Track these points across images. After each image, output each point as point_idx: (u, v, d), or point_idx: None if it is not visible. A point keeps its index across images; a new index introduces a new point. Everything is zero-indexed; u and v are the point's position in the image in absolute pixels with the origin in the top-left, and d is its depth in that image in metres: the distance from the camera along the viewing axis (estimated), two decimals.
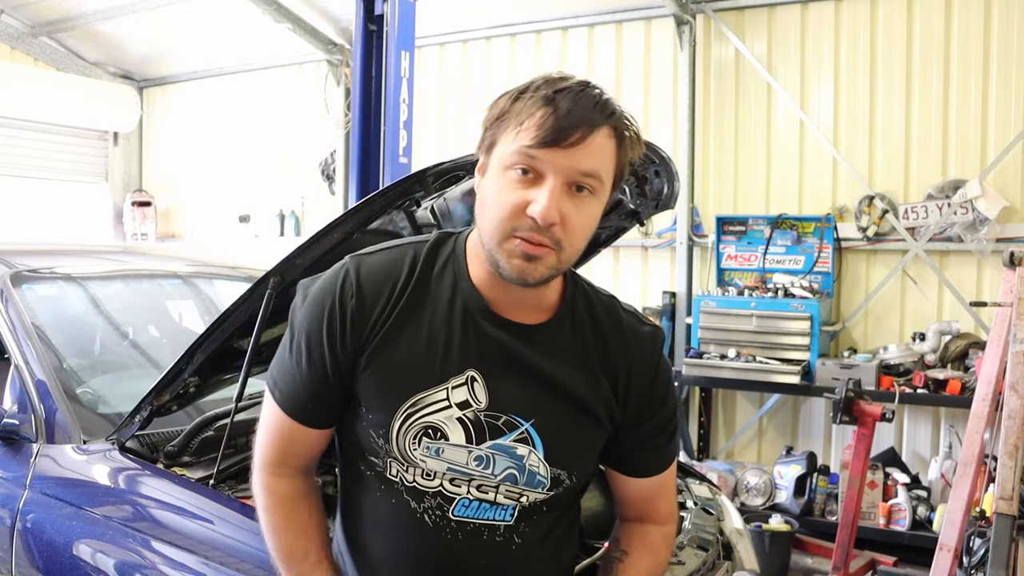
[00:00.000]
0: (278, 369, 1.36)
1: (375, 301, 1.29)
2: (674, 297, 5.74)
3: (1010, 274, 3.02)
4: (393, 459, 1.30)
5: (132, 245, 7.35)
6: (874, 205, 5.09)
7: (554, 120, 1.16)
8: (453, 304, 1.29)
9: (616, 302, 1.41)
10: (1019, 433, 2.71)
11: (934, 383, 4.60)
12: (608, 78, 6.00)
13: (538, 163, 1.17)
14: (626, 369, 1.36)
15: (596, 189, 1.21)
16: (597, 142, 1.19)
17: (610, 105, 1.21)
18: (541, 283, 1.24)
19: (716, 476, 4.90)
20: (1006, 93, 4.83)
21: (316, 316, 1.30)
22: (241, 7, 6.33)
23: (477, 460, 1.29)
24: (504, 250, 1.20)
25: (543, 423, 1.29)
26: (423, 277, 1.31)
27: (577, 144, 1.17)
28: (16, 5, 7.20)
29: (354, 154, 5.27)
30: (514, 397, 1.29)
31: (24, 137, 7.64)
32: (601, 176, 1.21)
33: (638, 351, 1.37)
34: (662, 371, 1.40)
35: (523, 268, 1.20)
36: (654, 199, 2.58)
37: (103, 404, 2.47)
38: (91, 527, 2.01)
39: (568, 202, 1.18)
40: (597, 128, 1.18)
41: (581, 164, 1.18)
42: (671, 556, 1.91)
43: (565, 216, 1.18)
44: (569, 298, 1.34)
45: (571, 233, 1.20)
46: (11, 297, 2.53)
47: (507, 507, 1.32)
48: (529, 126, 1.17)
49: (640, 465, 1.44)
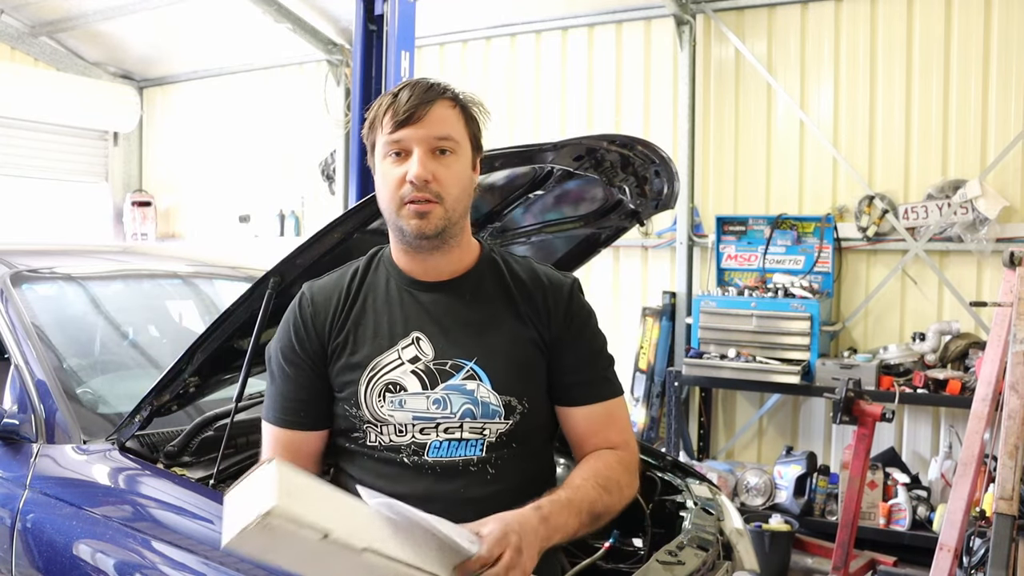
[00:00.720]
0: (267, 401, 1.62)
1: (327, 306, 1.58)
2: (674, 297, 5.74)
3: (1010, 274, 3.02)
4: (368, 424, 1.53)
5: (132, 245, 7.35)
6: (874, 205, 5.10)
7: (398, 107, 1.47)
8: (388, 287, 1.59)
9: (532, 261, 1.69)
10: (1019, 433, 2.71)
11: (934, 383, 4.60)
12: (608, 78, 6.01)
13: (402, 143, 1.48)
14: (542, 298, 1.59)
15: (455, 149, 1.49)
16: (439, 112, 1.48)
17: (442, 85, 1.52)
18: (439, 234, 1.50)
19: (716, 476, 4.90)
20: (1006, 93, 4.83)
21: (284, 334, 1.60)
22: (241, 7, 6.33)
23: (435, 403, 1.52)
24: (402, 216, 1.49)
25: (484, 359, 1.53)
26: (363, 278, 1.61)
27: (423, 117, 1.47)
28: (16, 5, 7.20)
29: (354, 154, 5.27)
30: (455, 343, 1.53)
31: (24, 137, 7.64)
32: (454, 137, 1.49)
33: (553, 285, 1.62)
34: (578, 302, 1.63)
35: (419, 225, 1.48)
36: (654, 199, 2.58)
37: (103, 404, 2.48)
38: (91, 527, 2.01)
39: (435, 163, 1.47)
40: (435, 102, 1.48)
41: (433, 131, 1.47)
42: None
43: (435, 174, 1.47)
44: (486, 257, 1.62)
45: (446, 185, 1.48)
46: (11, 297, 2.53)
47: (475, 442, 1.52)
48: (386, 119, 1.49)
49: (582, 391, 1.60)
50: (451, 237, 1.53)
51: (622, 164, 2.36)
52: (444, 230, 1.50)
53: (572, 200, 2.60)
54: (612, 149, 2.29)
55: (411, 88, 1.50)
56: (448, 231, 1.51)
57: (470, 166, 1.54)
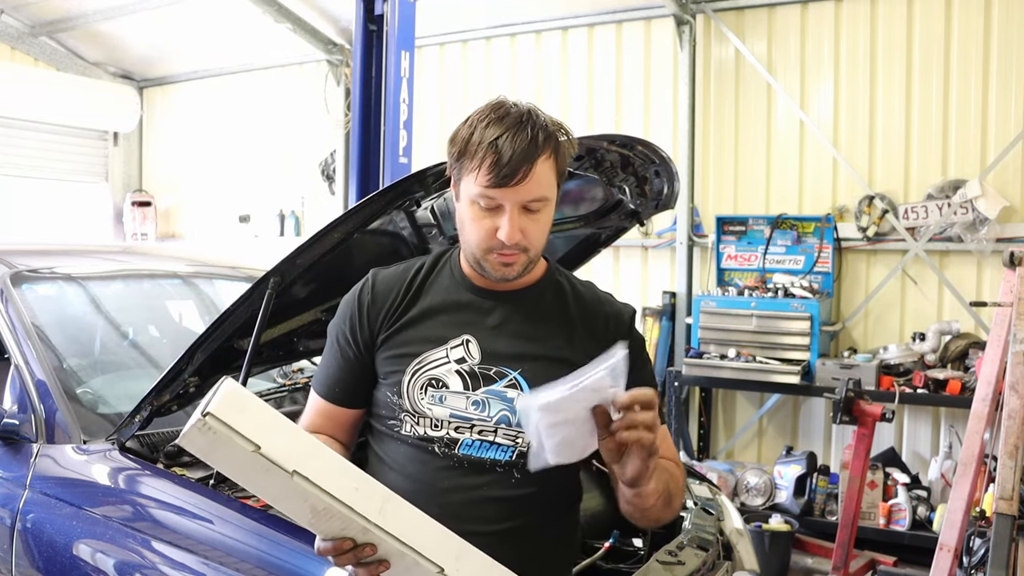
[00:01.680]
0: (318, 368, 1.70)
1: (387, 296, 1.62)
2: (674, 297, 5.74)
3: (1010, 274, 3.02)
4: (406, 414, 1.57)
5: (132, 245, 7.35)
6: (874, 205, 5.10)
7: (499, 167, 1.44)
8: (449, 289, 1.62)
9: (595, 286, 1.70)
10: (1019, 433, 2.71)
11: (934, 383, 4.60)
12: (608, 78, 6.01)
13: (495, 199, 1.47)
14: (603, 324, 1.62)
15: (546, 205, 1.51)
16: (537, 171, 1.46)
17: (543, 133, 1.47)
18: (520, 276, 1.54)
19: (716, 476, 4.90)
20: (1006, 93, 4.83)
21: (341, 316, 1.66)
22: (241, 7, 6.33)
23: (474, 404, 1.55)
24: (487, 261, 1.52)
25: (529, 371, 1.55)
26: (428, 275, 1.64)
27: (522, 181, 1.44)
28: (16, 5, 7.20)
29: (354, 154, 5.27)
30: (503, 352, 1.56)
31: (24, 137, 7.64)
32: (547, 196, 1.50)
33: (614, 313, 1.65)
34: (636, 334, 1.65)
35: (504, 272, 1.52)
36: (654, 199, 2.58)
37: (103, 404, 2.48)
38: (91, 527, 2.01)
39: (525, 219, 1.49)
40: (536, 161, 1.45)
41: (528, 194, 1.47)
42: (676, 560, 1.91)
43: (525, 230, 1.49)
44: (550, 274, 1.65)
45: (532, 239, 1.51)
46: (11, 297, 2.53)
47: (507, 448, 1.55)
48: (482, 171, 1.45)
49: None
50: (528, 271, 1.57)
51: (622, 164, 2.36)
52: (525, 270, 1.54)
53: (572, 200, 2.60)
54: (612, 149, 2.29)
55: (512, 141, 1.44)
56: (529, 270, 1.56)
57: (555, 205, 1.55)
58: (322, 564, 1.82)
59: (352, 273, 1.80)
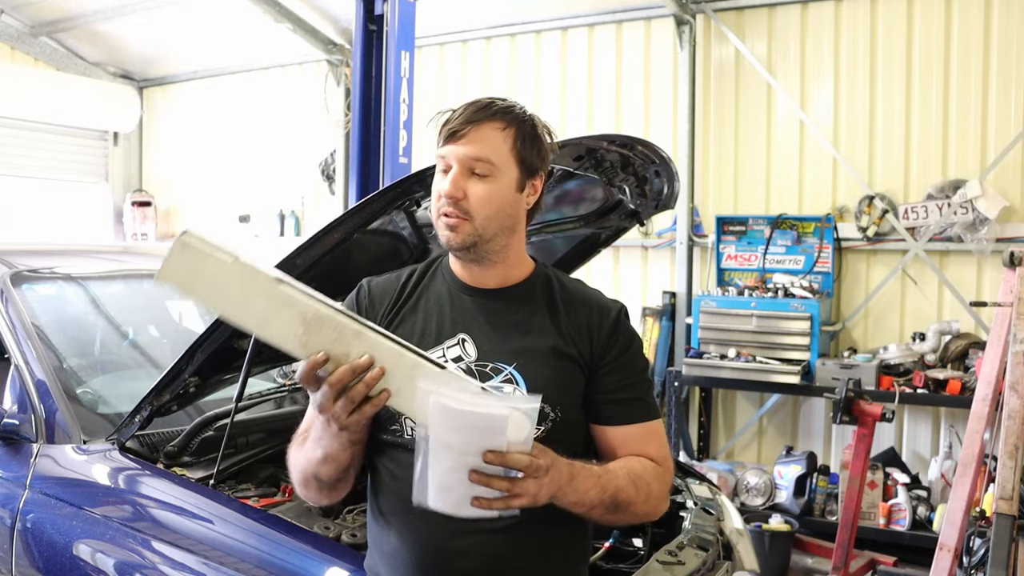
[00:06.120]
0: None
1: (382, 300, 1.66)
2: (674, 297, 5.74)
3: (1010, 274, 3.02)
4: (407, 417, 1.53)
5: (132, 245, 7.35)
6: (874, 205, 5.10)
7: (448, 125, 1.53)
8: (442, 291, 1.65)
9: (584, 284, 1.72)
10: (1019, 433, 2.71)
11: (934, 383, 4.60)
12: (608, 78, 6.01)
13: (447, 158, 1.53)
14: (587, 318, 1.62)
15: (490, 172, 1.52)
16: (484, 134, 1.51)
17: (497, 106, 1.54)
18: (468, 248, 1.54)
19: (716, 476, 4.90)
20: (1006, 93, 4.83)
21: None
22: (241, 7, 6.33)
23: None
24: (438, 226, 1.55)
25: (523, 366, 1.56)
26: (420, 279, 1.67)
27: (464, 136, 1.51)
28: (16, 5, 7.20)
29: (354, 154, 5.27)
30: (497, 348, 1.57)
31: (24, 137, 7.63)
32: (491, 160, 1.52)
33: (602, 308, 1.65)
34: (624, 327, 1.65)
35: (448, 236, 1.54)
36: (654, 199, 2.58)
37: (103, 404, 2.48)
38: (91, 527, 2.01)
39: (469, 182, 1.52)
40: (482, 122, 1.51)
41: (471, 152, 1.51)
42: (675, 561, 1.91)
43: (467, 192, 1.52)
44: (539, 272, 1.67)
45: (476, 204, 1.52)
46: (11, 297, 2.53)
47: None
48: (441, 133, 1.55)
49: (622, 411, 1.61)
50: (490, 252, 1.57)
51: (622, 164, 2.36)
52: (475, 245, 1.55)
53: (572, 200, 2.60)
54: (612, 149, 2.30)
55: (465, 107, 1.55)
56: (480, 247, 1.56)
57: (513, 187, 1.56)
58: (322, 564, 1.82)
59: (352, 273, 1.80)
